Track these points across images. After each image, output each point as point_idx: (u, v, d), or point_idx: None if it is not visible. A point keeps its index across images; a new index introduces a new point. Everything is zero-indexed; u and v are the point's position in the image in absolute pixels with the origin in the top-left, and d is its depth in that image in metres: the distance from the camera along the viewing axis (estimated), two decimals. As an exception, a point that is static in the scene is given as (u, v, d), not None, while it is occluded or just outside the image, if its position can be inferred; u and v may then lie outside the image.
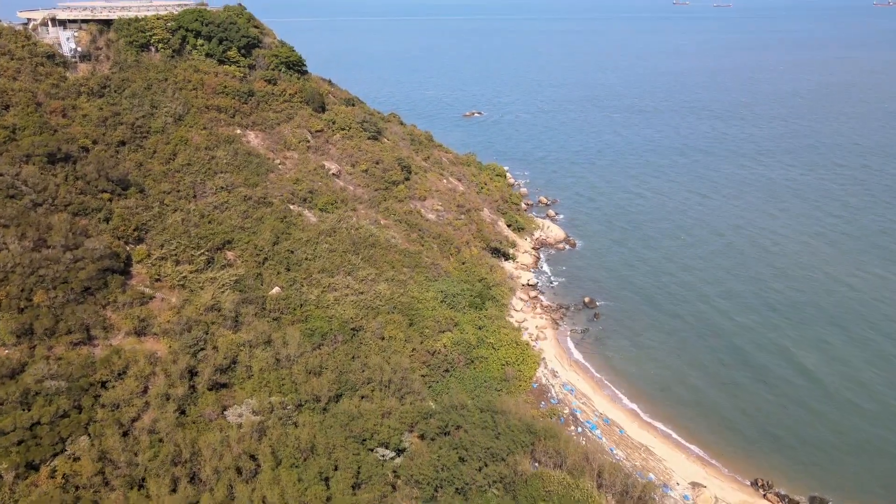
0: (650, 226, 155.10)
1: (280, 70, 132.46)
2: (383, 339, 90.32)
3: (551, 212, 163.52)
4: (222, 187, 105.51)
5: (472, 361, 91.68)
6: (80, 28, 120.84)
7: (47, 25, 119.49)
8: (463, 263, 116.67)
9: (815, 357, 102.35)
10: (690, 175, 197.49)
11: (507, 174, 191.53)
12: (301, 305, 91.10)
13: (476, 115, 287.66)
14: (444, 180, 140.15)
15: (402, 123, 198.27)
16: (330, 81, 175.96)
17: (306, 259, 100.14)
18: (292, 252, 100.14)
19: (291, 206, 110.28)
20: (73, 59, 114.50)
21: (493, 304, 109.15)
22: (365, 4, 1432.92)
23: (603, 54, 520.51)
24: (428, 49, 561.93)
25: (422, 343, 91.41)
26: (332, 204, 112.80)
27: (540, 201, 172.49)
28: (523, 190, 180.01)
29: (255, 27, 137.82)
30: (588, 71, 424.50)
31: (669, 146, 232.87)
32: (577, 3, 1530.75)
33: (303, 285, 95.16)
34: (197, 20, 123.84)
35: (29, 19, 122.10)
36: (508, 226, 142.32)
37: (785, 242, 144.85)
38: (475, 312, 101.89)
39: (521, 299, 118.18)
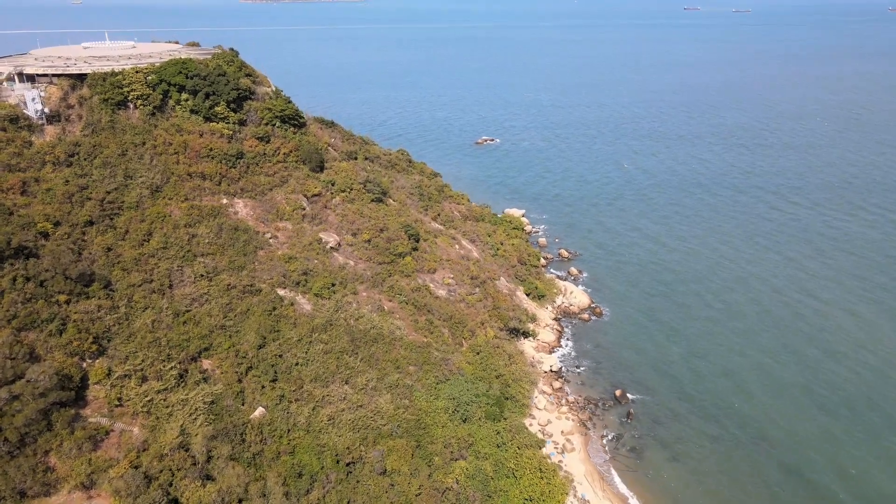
0: (680, 288, 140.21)
1: (274, 125, 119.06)
2: (385, 473, 76.26)
3: (573, 269, 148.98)
4: (202, 275, 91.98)
5: (490, 497, 77.46)
6: (51, 82, 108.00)
7: (13, 80, 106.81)
8: (477, 353, 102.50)
9: (884, 478, 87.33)
10: (718, 218, 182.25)
11: (524, 219, 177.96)
12: (288, 431, 77.29)
13: (489, 141, 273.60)
14: (457, 245, 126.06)
15: (410, 161, 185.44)
16: (332, 123, 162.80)
17: (297, 364, 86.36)
18: (281, 356, 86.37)
19: (282, 293, 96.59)
20: (40, 122, 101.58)
21: (512, 406, 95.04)
22: (366, 10, 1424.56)
23: (615, 68, 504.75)
24: (430, 61, 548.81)
25: (430, 477, 77.30)
26: (329, 287, 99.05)
27: (560, 254, 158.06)
28: (542, 240, 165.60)
29: (248, 75, 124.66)
30: (601, 88, 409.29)
31: (693, 181, 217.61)
32: (582, 8, 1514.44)
33: (291, 402, 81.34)
34: (181, 72, 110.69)
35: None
36: (528, 294, 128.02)
37: (831, 313, 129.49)
38: (493, 425, 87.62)
39: (545, 392, 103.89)
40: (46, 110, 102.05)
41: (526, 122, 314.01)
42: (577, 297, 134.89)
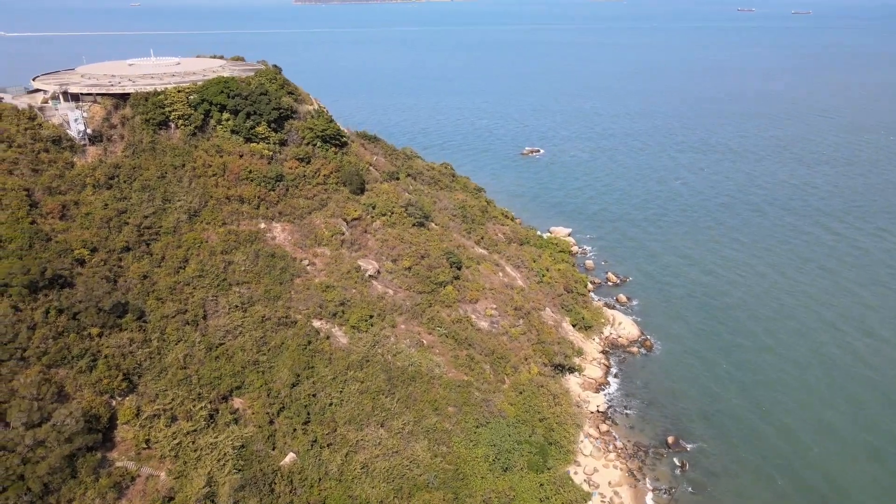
0: (735, 322, 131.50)
1: (315, 145, 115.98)
2: (419, 530, 71.68)
3: (622, 296, 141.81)
4: (237, 305, 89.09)
5: (532, 561, 72.06)
6: (95, 101, 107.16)
7: (58, 99, 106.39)
8: (520, 393, 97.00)
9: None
10: (775, 242, 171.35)
11: (570, 238, 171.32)
12: (319, 480, 73.39)
13: (534, 153, 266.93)
14: (500, 273, 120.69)
15: (454, 176, 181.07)
16: (375, 138, 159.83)
17: (331, 405, 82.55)
18: (314, 396, 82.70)
19: (318, 324, 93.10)
20: (82, 143, 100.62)
21: (556, 453, 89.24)
22: (413, 13, 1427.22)
23: (665, 74, 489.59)
24: (470, 66, 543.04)
25: (468, 536, 72.31)
26: (366, 320, 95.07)
27: (608, 279, 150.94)
28: (589, 262, 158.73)
29: (290, 93, 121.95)
30: (650, 95, 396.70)
31: (744, 200, 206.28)
32: (630, 10, 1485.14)
33: (324, 447, 77.48)
34: (223, 92, 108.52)
35: (39, 89, 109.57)
36: (574, 325, 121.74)
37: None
38: (535, 476, 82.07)
39: (591, 436, 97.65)
40: (89, 131, 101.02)
41: (571, 131, 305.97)
42: (625, 327, 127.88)
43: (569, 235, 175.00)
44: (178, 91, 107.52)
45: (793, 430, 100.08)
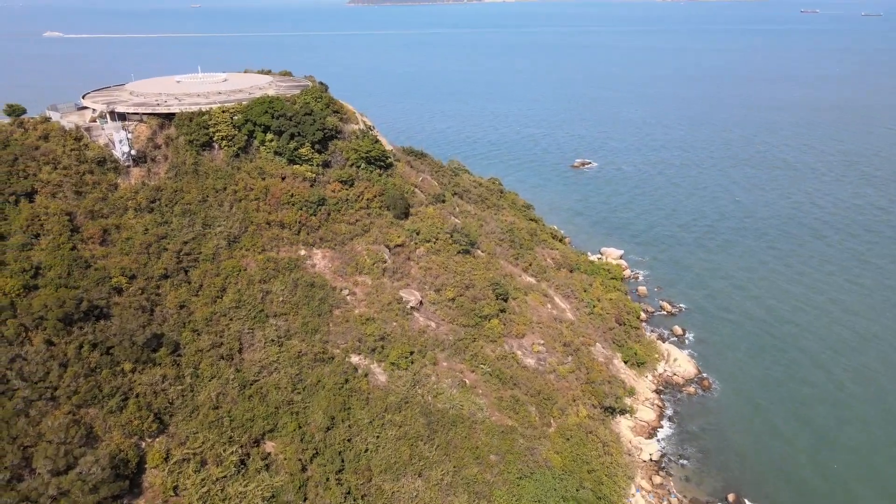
0: (805, 360, 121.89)
1: (359, 166, 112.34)
2: None
3: (677, 328, 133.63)
4: (273, 339, 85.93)
5: None
6: (141, 120, 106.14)
7: (105, 118, 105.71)
8: (567, 440, 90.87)
9: None
10: (833, 272, 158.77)
11: (623, 261, 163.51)
12: (351, 538, 69.23)
13: (586, 165, 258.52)
14: (549, 304, 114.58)
15: (501, 192, 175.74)
16: (422, 154, 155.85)
17: (366, 451, 78.33)
18: (349, 440, 78.67)
19: (356, 360, 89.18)
20: (126, 164, 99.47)
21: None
22: (449, 14, 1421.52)
23: (724, 81, 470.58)
24: (518, 70, 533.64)
25: None
26: (406, 357, 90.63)
27: (662, 308, 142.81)
28: (642, 289, 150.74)
29: (336, 112, 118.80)
30: (708, 104, 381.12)
31: (802, 222, 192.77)
32: (688, 12, 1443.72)
33: (357, 499, 73.28)
34: (267, 112, 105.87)
35: (87, 107, 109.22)
36: (625, 361, 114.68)
37: None
38: (582, 539, 76.00)
39: (643, 489, 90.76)
40: (133, 152, 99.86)
41: (623, 142, 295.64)
42: (681, 364, 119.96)
43: (620, 258, 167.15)
44: (223, 111, 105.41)
45: (863, 501, 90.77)
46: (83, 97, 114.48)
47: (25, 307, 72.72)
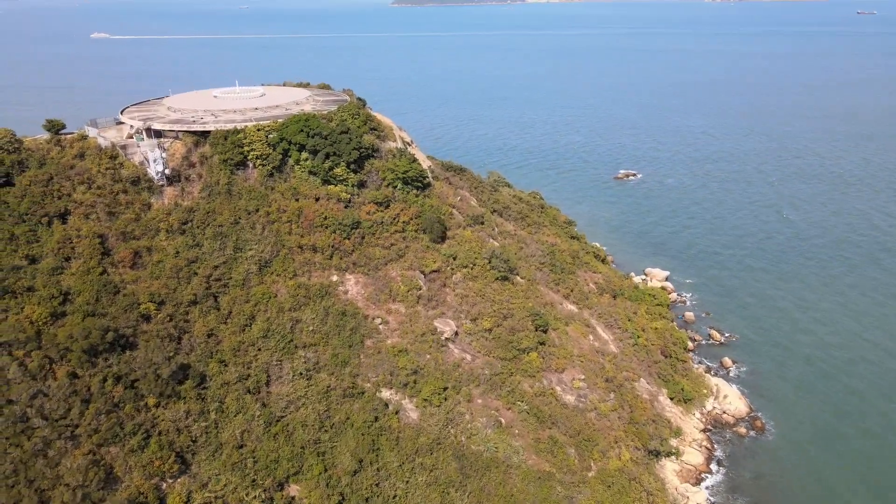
0: (873, 400, 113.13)
1: (395, 187, 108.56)
2: None
3: (727, 359, 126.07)
4: (301, 373, 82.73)
5: None
6: (177, 137, 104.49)
7: (141, 134, 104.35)
8: (609, 487, 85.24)
9: None
10: (892, 299, 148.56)
11: (668, 283, 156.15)
12: None
13: (630, 176, 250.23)
14: (591, 336, 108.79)
15: (542, 207, 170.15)
16: (461, 169, 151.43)
17: (395, 497, 74.34)
18: (377, 486, 74.76)
19: (387, 394, 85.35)
20: (160, 183, 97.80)
21: (649, 569, 77.04)
22: (493, 15, 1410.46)
23: (780, 87, 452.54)
24: (562, 74, 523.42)
25: None
26: (440, 393, 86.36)
27: (711, 336, 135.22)
28: (689, 314, 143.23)
29: (374, 129, 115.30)
30: (763, 112, 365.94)
31: (857, 243, 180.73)
32: (739, 13, 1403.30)
33: (384, 551, 69.32)
34: (302, 131, 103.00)
35: (125, 123, 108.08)
36: (671, 398, 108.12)
37: None
38: None
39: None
40: (167, 171, 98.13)
41: (671, 152, 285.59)
42: (731, 401, 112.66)
43: (666, 279, 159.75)
44: (258, 129, 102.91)
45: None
46: (121, 112, 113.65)
47: (50, 338, 71.07)
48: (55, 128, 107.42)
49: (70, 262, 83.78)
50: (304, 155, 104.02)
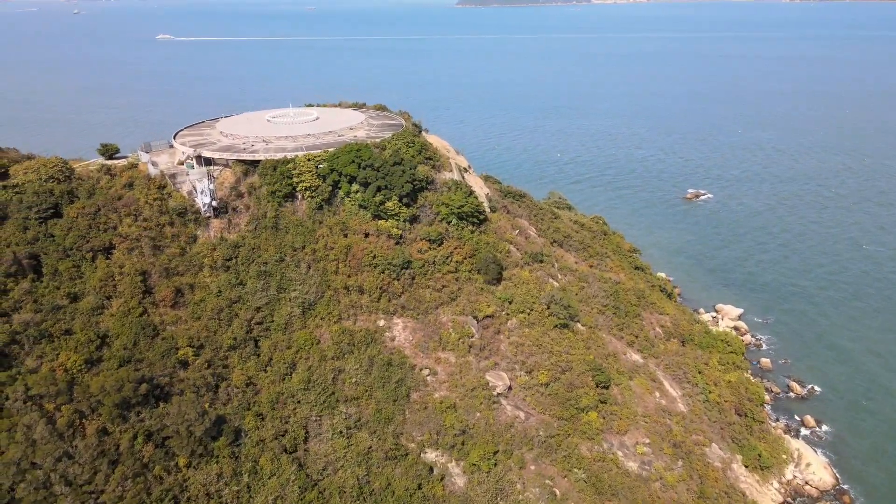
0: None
1: (449, 222, 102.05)
2: None
3: (809, 418, 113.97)
4: (341, 431, 77.27)
5: None
6: (227, 165, 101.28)
7: (192, 161, 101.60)
8: (675, 576, 76.14)
9: None
10: None
11: (742, 323, 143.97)
12: None
13: (700, 197, 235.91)
14: (657, 392, 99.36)
15: (605, 234, 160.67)
16: (522, 196, 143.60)
17: (435, 582, 67.78)
18: (417, 567, 68.40)
19: (433, 456, 78.98)
20: (207, 215, 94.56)
21: None
22: (559, 16, 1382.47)
23: (870, 99, 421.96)
24: (627, 81, 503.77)
25: None
26: (490, 457, 79.33)
27: (790, 388, 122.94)
28: (765, 360, 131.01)
29: (429, 159, 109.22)
30: (848, 128, 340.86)
31: None
32: (819, 15, 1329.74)
33: None
34: (354, 162, 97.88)
35: (176, 147, 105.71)
36: (746, 465, 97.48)
37: None
38: None
39: None
40: (214, 203, 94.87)
41: (744, 170, 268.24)
42: (814, 470, 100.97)
43: (739, 318, 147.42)
44: (308, 159, 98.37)
45: None
46: (174, 136, 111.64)
47: (83, 390, 67.85)
48: (109, 152, 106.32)
49: (111, 300, 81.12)
50: (355, 187, 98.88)
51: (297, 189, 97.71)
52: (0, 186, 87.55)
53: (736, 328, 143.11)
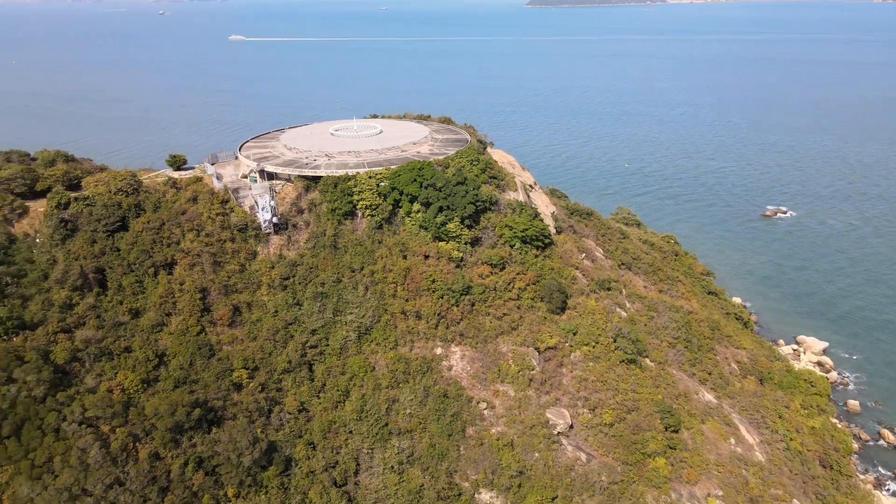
0: None
1: (513, 246, 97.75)
2: None
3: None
4: (393, 466, 74.37)
5: None
6: (289, 180, 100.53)
7: (255, 175, 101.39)
8: None
9: None
10: None
11: (826, 359, 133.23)
12: None
13: (780, 214, 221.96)
14: (732, 438, 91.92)
15: (677, 255, 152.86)
16: (589, 214, 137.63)
17: None
18: None
19: (486, 498, 75.16)
20: (267, 231, 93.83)
21: None
22: (631, 17, 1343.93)
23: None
24: (700, 86, 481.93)
25: None
26: (547, 503, 74.62)
27: (881, 436, 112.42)
28: (852, 403, 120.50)
29: (494, 177, 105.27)
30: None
31: None
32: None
33: None
34: (415, 181, 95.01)
35: (241, 160, 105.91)
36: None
37: None
38: None
39: None
40: (275, 219, 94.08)
41: (833, 186, 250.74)
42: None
43: (824, 352, 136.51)
44: (369, 177, 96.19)
45: None
46: (240, 148, 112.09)
47: (138, 412, 67.49)
48: (177, 163, 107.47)
49: (170, 317, 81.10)
50: (416, 207, 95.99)
51: (358, 207, 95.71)
52: (73, 198, 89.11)
53: (819, 364, 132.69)
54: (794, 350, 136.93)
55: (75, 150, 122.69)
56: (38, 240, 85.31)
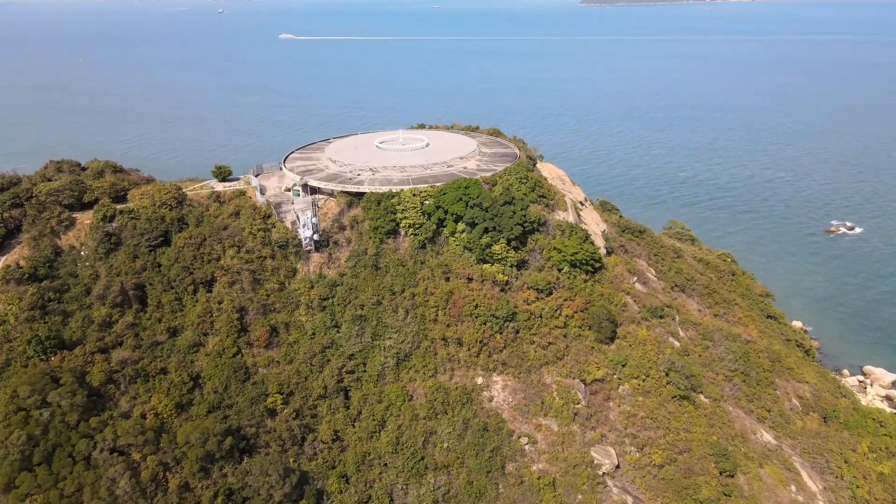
0: None
1: (560, 269, 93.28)
2: None
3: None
4: (428, 504, 71.23)
5: None
6: (332, 195, 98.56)
7: (298, 189, 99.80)
8: None
9: None
10: None
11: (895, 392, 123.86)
12: None
13: (844, 230, 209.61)
14: (793, 485, 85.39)
15: (734, 274, 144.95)
16: (641, 232, 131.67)
17: None
18: None
19: (526, 542, 70.99)
20: (308, 248, 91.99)
21: None
22: (687, 15, 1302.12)
23: None
24: (762, 91, 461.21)
25: None
26: (589, 552, 70.35)
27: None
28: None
29: (543, 196, 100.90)
30: None
31: None
32: None
33: None
34: (461, 200, 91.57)
35: (285, 173, 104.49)
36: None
37: None
38: None
39: None
40: (316, 237, 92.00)
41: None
42: None
43: (893, 385, 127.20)
44: (413, 195, 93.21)
45: None
46: (284, 160, 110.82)
47: (169, 440, 66.23)
48: (222, 174, 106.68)
49: (207, 337, 79.98)
50: (461, 227, 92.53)
51: (401, 225, 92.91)
52: (118, 211, 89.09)
53: (888, 398, 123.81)
54: (860, 382, 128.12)
55: (130, 148, 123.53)
56: (83, 252, 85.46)
